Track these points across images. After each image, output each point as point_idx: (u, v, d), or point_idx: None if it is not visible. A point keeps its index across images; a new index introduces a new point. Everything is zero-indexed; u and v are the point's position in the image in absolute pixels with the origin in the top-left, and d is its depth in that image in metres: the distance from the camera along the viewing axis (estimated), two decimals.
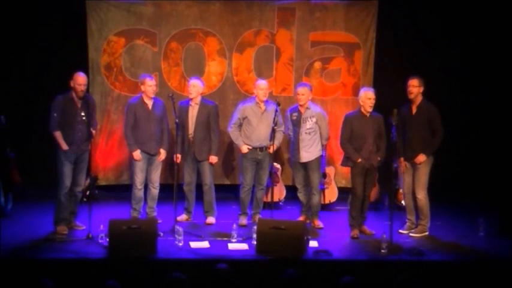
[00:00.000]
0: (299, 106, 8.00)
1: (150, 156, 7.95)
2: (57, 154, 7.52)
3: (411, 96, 7.59)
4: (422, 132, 7.60)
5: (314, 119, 7.96)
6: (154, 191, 8.06)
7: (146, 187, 8.06)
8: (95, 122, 7.78)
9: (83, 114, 7.48)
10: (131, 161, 8.10)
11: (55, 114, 7.49)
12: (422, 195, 7.63)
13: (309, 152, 7.98)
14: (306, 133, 7.96)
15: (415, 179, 7.67)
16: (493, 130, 9.39)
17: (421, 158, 7.58)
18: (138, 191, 7.97)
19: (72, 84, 7.48)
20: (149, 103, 7.91)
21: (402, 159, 7.73)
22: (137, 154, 7.88)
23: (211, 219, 8.13)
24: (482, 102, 9.46)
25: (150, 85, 7.87)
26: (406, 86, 7.61)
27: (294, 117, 8.04)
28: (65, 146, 7.47)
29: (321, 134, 8.02)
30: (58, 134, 7.49)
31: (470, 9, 9.28)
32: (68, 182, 7.53)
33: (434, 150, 7.62)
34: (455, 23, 9.38)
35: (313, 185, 8.03)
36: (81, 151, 7.57)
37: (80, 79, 7.49)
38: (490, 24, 9.29)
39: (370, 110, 7.54)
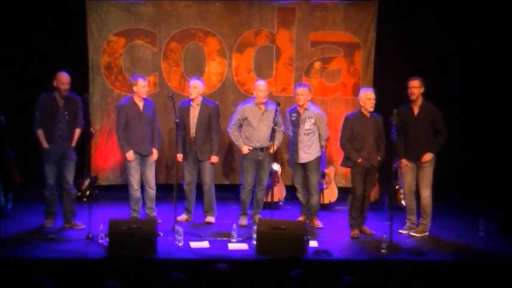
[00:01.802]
0: (298, 107, 8.00)
1: (143, 156, 7.95)
2: (41, 153, 7.63)
3: (413, 98, 7.58)
4: (427, 132, 7.61)
5: (312, 120, 7.95)
6: (151, 191, 8.04)
7: (143, 188, 8.05)
8: (80, 121, 7.76)
9: (66, 113, 7.55)
10: (125, 163, 8.07)
11: (37, 113, 7.61)
12: (427, 194, 7.64)
13: (307, 152, 7.98)
14: (304, 134, 7.95)
15: (421, 178, 7.67)
16: (493, 130, 9.39)
17: (428, 156, 7.58)
18: (135, 191, 7.96)
19: (55, 83, 7.55)
20: (140, 104, 7.90)
21: (404, 159, 7.71)
22: (130, 155, 7.87)
23: (210, 219, 8.12)
24: (482, 102, 9.47)
25: (143, 86, 7.86)
26: (407, 87, 7.61)
27: (293, 118, 8.03)
28: (45, 144, 7.59)
29: (319, 135, 8.02)
30: (40, 132, 7.61)
31: (470, 9, 9.28)
32: (50, 180, 7.67)
33: (440, 148, 7.63)
34: (455, 23, 9.38)
35: (312, 185, 8.02)
36: (63, 150, 7.63)
37: (63, 78, 7.55)
38: (490, 24, 9.29)
39: (371, 109, 7.54)
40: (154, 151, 7.99)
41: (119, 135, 7.91)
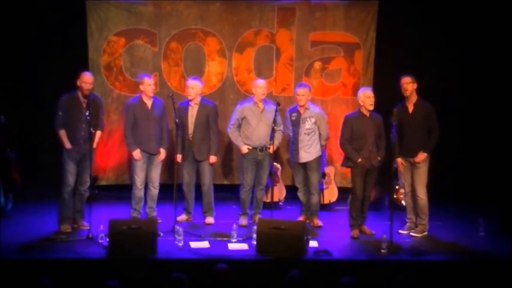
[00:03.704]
0: (298, 106, 8.00)
1: (150, 155, 7.96)
2: (61, 153, 7.55)
3: (407, 94, 7.59)
4: (421, 130, 7.62)
5: (313, 120, 7.96)
6: (154, 190, 8.06)
7: (146, 187, 8.06)
8: (101, 123, 7.80)
9: (87, 113, 7.49)
10: (131, 161, 8.10)
11: (60, 113, 7.53)
12: (423, 194, 7.64)
13: (308, 152, 7.98)
14: (305, 133, 7.96)
15: (416, 178, 7.67)
16: (493, 130, 9.39)
17: (422, 156, 7.59)
18: (139, 191, 7.97)
19: (78, 83, 7.52)
20: (148, 103, 7.92)
21: (399, 159, 7.70)
22: (137, 154, 7.88)
23: (209, 220, 8.13)
24: (482, 101, 9.46)
25: (149, 84, 7.88)
26: (400, 85, 7.61)
27: (293, 118, 8.04)
28: (68, 145, 7.50)
29: (320, 134, 8.03)
30: (62, 133, 7.52)
31: (470, 9, 9.28)
32: (71, 180, 7.55)
33: (433, 147, 7.63)
34: (455, 23, 9.38)
35: (312, 185, 8.03)
36: (84, 150, 7.57)
37: (87, 78, 7.53)
38: (489, 24, 9.29)
39: (371, 108, 7.54)
40: (162, 151, 7.99)
41: (126, 134, 7.92)
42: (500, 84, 9.38)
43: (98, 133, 7.71)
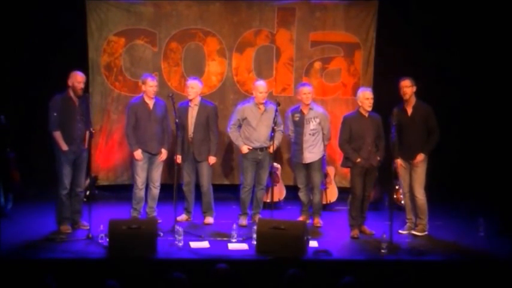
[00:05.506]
0: (302, 106, 7.99)
1: (152, 155, 7.96)
2: (57, 154, 7.52)
3: (406, 97, 7.59)
4: (420, 133, 7.62)
5: (317, 120, 7.96)
6: (155, 190, 8.06)
7: (147, 187, 8.06)
8: (90, 121, 7.75)
9: (81, 112, 7.48)
10: (132, 161, 8.10)
11: (55, 114, 7.46)
12: (421, 194, 7.64)
13: (312, 152, 7.98)
14: (309, 134, 7.95)
15: (414, 179, 7.67)
16: (493, 130, 9.38)
17: (420, 157, 7.59)
18: (139, 191, 7.97)
19: (70, 83, 7.48)
20: (150, 103, 7.92)
21: (398, 160, 7.70)
22: (138, 154, 7.88)
23: (209, 220, 8.13)
24: (482, 101, 9.46)
25: (151, 85, 7.88)
26: (399, 87, 7.61)
27: (297, 118, 8.02)
28: (64, 147, 7.46)
29: (323, 134, 8.03)
30: (58, 134, 7.46)
31: (469, 9, 9.28)
32: (67, 181, 7.52)
33: (432, 148, 7.63)
34: (455, 23, 9.38)
35: (316, 184, 8.04)
36: (80, 150, 7.56)
37: (79, 77, 7.49)
38: (489, 25, 9.29)
39: (369, 109, 7.54)
40: (164, 151, 7.99)
41: (128, 134, 7.92)
42: (500, 84, 9.37)
43: (92, 132, 7.66)
